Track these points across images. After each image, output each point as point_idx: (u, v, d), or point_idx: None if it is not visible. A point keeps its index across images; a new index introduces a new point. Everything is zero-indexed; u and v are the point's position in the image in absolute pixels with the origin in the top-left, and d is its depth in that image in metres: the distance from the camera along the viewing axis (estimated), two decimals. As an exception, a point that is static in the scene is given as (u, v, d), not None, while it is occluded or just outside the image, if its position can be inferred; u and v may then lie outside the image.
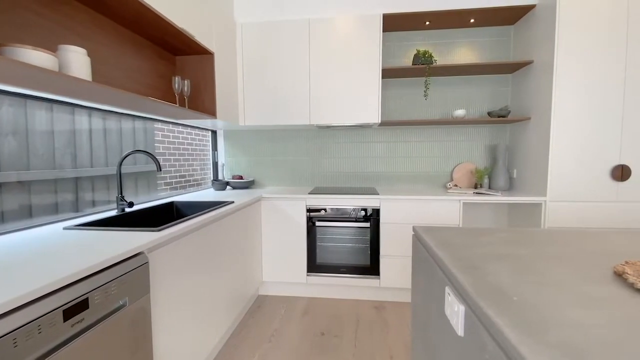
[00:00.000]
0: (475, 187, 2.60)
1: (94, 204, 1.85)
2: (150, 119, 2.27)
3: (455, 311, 0.72)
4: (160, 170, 1.72)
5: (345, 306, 2.40)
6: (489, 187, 2.60)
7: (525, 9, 2.37)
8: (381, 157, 2.89)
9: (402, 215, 2.34)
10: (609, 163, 2.12)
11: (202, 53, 2.18)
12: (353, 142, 2.91)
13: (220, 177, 2.90)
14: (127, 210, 1.72)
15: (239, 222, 2.06)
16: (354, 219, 2.41)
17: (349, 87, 2.51)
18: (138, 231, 1.25)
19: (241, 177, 2.83)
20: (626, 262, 0.80)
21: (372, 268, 2.42)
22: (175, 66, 2.24)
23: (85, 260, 0.93)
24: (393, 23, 2.58)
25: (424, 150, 2.83)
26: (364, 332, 2.06)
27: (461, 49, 2.70)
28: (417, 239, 1.19)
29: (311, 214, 2.43)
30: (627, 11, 2.03)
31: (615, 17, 2.04)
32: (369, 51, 2.47)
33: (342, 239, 2.44)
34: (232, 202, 2.00)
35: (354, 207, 2.39)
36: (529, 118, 2.37)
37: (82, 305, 0.86)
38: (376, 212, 2.37)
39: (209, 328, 1.65)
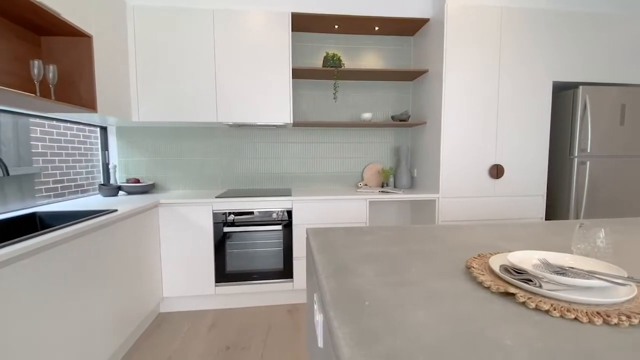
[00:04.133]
0: (382, 186, 2.74)
1: None
2: (22, 113, 1.87)
3: (317, 320, 0.68)
4: (8, 174, 1.38)
5: (257, 314, 2.29)
6: (394, 186, 2.77)
7: (421, 22, 2.58)
8: (297, 157, 2.86)
9: (313, 216, 2.33)
10: (487, 163, 2.42)
11: (77, 35, 1.84)
12: (268, 142, 2.82)
13: (111, 181, 2.52)
14: (-43, 226, 1.34)
15: (126, 233, 1.80)
16: (266, 222, 2.31)
17: (259, 84, 2.41)
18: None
19: (138, 181, 2.50)
20: (478, 256, 0.87)
21: (285, 271, 2.36)
22: (41, 48, 1.86)
23: None
24: (303, 23, 2.57)
25: (337, 151, 2.89)
26: (273, 339, 1.98)
27: (368, 55, 2.83)
28: (307, 242, 1.16)
29: (219, 219, 2.26)
30: (500, 30, 2.35)
31: (490, 35, 2.35)
32: (278, 49, 2.40)
33: (253, 243, 2.32)
34: (115, 210, 1.72)
35: (266, 210, 2.30)
36: (425, 122, 2.58)
37: None
38: (288, 213, 2.32)
39: (79, 362, 1.38)
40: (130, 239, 1.84)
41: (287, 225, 2.33)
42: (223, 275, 2.29)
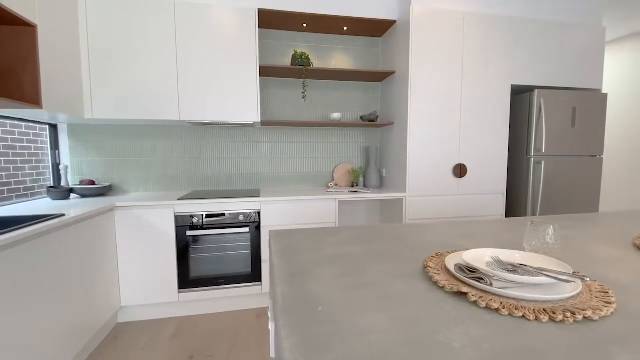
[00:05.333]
0: (352, 186, 2.75)
1: None
2: None
3: (270, 329, 0.64)
4: None
5: (224, 320, 2.21)
6: (364, 186, 2.78)
7: (389, 24, 2.61)
8: (266, 157, 2.80)
9: (282, 217, 2.29)
10: (451, 162, 2.50)
11: (19, 24, 1.68)
12: (235, 141, 2.74)
13: (62, 183, 2.33)
14: None
15: (76, 240, 1.66)
16: (233, 225, 2.24)
17: (224, 82, 2.33)
18: None
19: (93, 182, 2.33)
20: (436, 255, 0.87)
21: (253, 275, 2.30)
22: (-24, 37, 1.68)
23: None
24: (271, 20, 2.52)
25: (307, 151, 2.86)
26: (240, 345, 1.91)
27: (337, 55, 2.82)
28: (269, 245, 1.12)
29: (182, 222, 2.15)
30: (463, 34, 2.42)
31: (454, 38, 2.42)
32: (245, 46, 2.33)
33: (219, 247, 2.24)
34: (63, 215, 1.59)
35: (233, 212, 2.22)
36: (393, 123, 2.62)
37: None
38: (257, 215, 2.26)
39: (18, 383, 1.25)
40: (81, 246, 1.70)
41: (256, 227, 2.27)
42: (187, 281, 2.19)
